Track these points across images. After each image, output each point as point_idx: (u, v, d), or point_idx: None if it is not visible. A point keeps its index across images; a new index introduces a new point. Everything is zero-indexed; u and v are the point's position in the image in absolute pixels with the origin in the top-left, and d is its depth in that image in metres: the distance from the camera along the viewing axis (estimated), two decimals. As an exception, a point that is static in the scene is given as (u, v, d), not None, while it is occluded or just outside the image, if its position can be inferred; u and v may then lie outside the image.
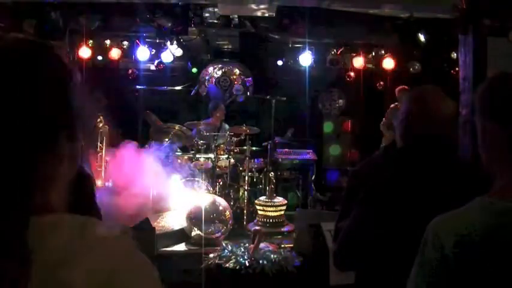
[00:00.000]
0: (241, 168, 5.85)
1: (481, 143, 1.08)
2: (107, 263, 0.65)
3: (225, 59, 8.30)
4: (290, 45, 7.59)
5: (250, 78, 8.34)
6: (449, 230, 0.99)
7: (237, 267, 3.63)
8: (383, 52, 7.23)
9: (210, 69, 8.30)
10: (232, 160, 5.76)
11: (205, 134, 5.83)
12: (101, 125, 5.01)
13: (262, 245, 3.96)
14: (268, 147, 5.93)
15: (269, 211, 4.91)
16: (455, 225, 1.00)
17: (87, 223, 0.69)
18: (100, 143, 5.10)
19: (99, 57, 7.01)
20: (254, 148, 5.89)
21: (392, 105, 6.47)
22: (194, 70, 8.20)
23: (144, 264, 0.70)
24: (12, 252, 0.61)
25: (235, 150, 5.80)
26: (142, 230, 4.25)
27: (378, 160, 1.96)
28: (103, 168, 5.12)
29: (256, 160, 5.94)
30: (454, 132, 1.73)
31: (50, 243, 0.64)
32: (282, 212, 4.99)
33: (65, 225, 0.67)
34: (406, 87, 6.25)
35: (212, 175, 5.51)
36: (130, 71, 7.38)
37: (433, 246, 1.00)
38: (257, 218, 5.02)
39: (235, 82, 8.31)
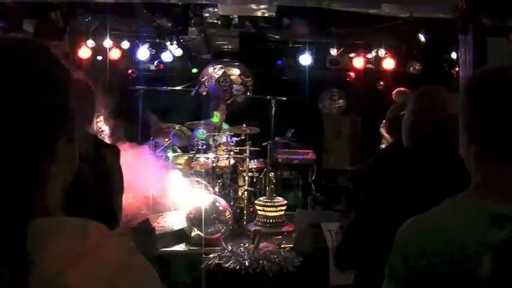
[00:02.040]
0: (241, 168, 5.85)
1: (461, 139, 1.06)
2: (109, 267, 0.64)
3: (225, 59, 8.30)
4: (290, 45, 7.59)
5: (250, 78, 8.34)
6: (415, 233, 0.96)
7: (237, 267, 3.63)
8: (383, 52, 7.23)
9: (210, 69, 8.30)
10: (232, 160, 5.76)
11: (205, 134, 5.84)
12: (101, 124, 4.99)
13: (262, 245, 3.96)
14: (268, 147, 5.92)
15: (269, 211, 4.91)
16: (423, 228, 0.96)
17: (86, 226, 0.67)
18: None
19: (99, 57, 7.01)
20: (254, 148, 5.88)
21: (392, 106, 6.49)
22: (194, 70, 8.21)
23: (145, 267, 0.69)
24: (10, 258, 0.60)
25: (235, 150, 5.80)
26: (142, 230, 4.25)
27: (379, 160, 1.95)
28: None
29: (256, 160, 5.94)
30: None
31: (50, 247, 0.62)
32: (282, 212, 4.99)
33: (65, 228, 0.66)
34: (402, 89, 6.26)
35: (212, 175, 5.51)
36: (130, 71, 7.37)
37: (399, 251, 0.96)
38: (257, 218, 5.02)
39: (235, 82, 8.31)
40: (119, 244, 0.69)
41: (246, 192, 5.47)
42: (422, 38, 6.15)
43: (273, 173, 5.36)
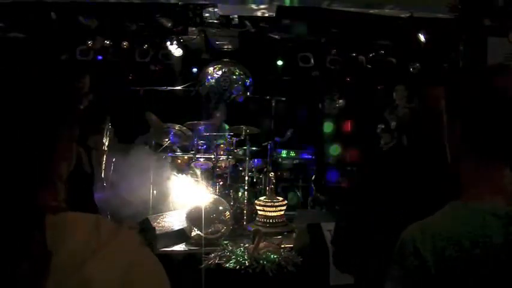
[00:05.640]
0: (241, 168, 5.85)
1: (448, 141, 1.06)
2: (124, 257, 0.68)
3: (225, 59, 8.30)
4: (290, 45, 7.59)
5: (250, 78, 8.34)
6: (427, 238, 0.94)
7: (237, 267, 3.63)
8: (383, 52, 7.24)
9: (210, 69, 8.30)
10: (232, 160, 5.76)
11: (205, 134, 5.84)
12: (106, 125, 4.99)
13: (262, 245, 3.97)
14: (268, 147, 5.93)
15: (269, 211, 4.91)
16: (433, 232, 0.94)
17: (98, 220, 0.70)
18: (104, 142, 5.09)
19: (99, 57, 7.01)
20: (254, 148, 5.88)
21: (391, 106, 6.51)
22: (194, 70, 8.21)
23: (154, 258, 0.73)
24: (32, 252, 0.62)
25: (235, 150, 5.81)
26: (142, 230, 4.25)
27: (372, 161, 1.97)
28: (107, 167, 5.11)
29: (256, 160, 5.94)
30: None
31: (67, 241, 0.65)
32: (282, 212, 4.99)
33: (79, 222, 0.68)
34: (402, 86, 6.27)
35: (212, 175, 5.51)
36: (130, 72, 7.35)
37: (413, 256, 0.94)
38: (257, 218, 5.02)
39: (235, 82, 8.31)
40: (130, 237, 0.72)
41: (246, 192, 5.47)
42: (422, 38, 6.15)
43: (273, 173, 5.36)
